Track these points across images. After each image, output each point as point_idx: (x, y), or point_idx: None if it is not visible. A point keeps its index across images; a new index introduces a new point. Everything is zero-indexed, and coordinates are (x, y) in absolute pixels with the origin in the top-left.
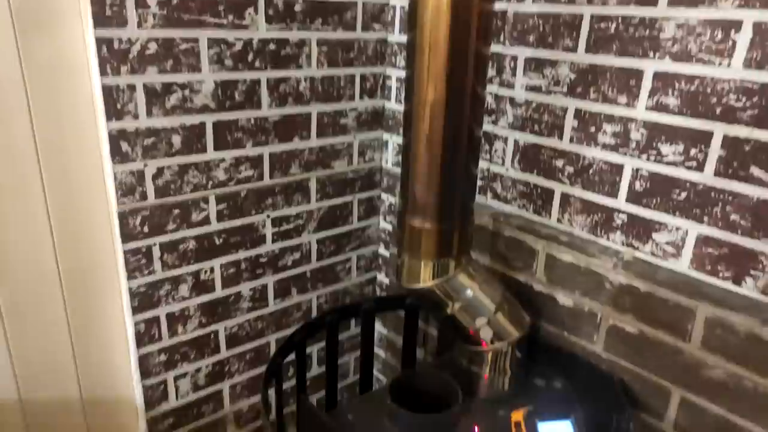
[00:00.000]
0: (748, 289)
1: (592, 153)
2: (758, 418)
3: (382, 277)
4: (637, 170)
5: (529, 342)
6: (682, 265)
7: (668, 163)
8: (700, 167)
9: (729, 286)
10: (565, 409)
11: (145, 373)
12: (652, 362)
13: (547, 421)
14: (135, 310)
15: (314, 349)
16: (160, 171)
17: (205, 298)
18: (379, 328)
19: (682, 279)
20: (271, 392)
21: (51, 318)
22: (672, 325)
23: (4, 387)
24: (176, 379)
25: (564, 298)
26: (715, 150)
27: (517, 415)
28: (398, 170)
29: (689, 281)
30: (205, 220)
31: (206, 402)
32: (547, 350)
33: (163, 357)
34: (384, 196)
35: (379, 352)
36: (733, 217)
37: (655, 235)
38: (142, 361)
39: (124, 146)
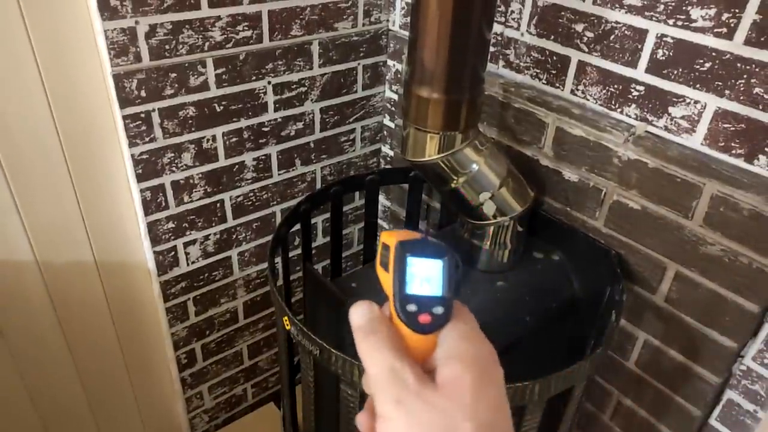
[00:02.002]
0: (760, 166)
1: (615, 16)
2: (748, 292)
3: (386, 150)
4: (662, 36)
5: (531, 216)
6: (695, 141)
7: (696, 30)
8: (729, 34)
9: (740, 163)
10: (441, 251)
11: (154, 239)
12: (652, 238)
13: (417, 257)
14: (140, 178)
15: (319, 220)
16: (152, 29)
17: (208, 167)
18: (382, 200)
19: (693, 155)
20: (278, 260)
21: (57, 184)
22: (676, 202)
23: (19, 248)
24: (186, 245)
25: (570, 173)
26: (750, 15)
27: (390, 238)
28: (406, 33)
29: (700, 158)
30: (204, 86)
31: (216, 268)
32: (549, 224)
33: (171, 224)
34: (390, 62)
35: (382, 223)
36: (757, 90)
37: (671, 109)
38: (151, 228)
39: (113, 0)
